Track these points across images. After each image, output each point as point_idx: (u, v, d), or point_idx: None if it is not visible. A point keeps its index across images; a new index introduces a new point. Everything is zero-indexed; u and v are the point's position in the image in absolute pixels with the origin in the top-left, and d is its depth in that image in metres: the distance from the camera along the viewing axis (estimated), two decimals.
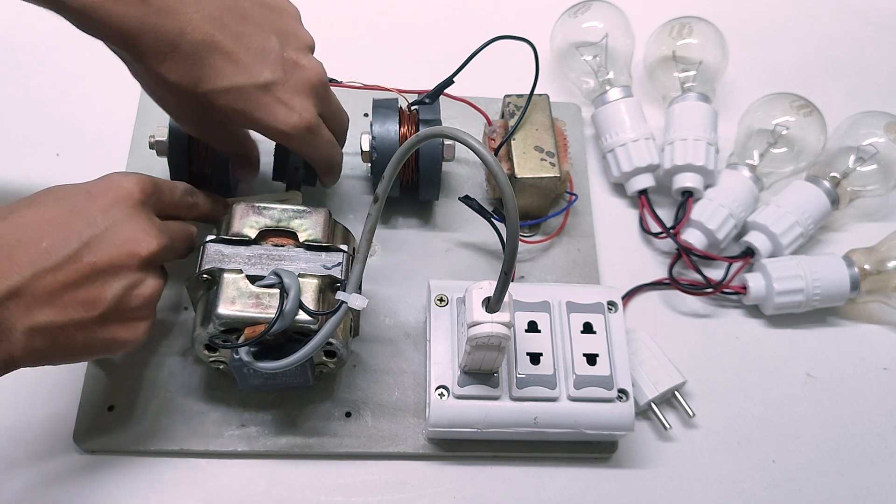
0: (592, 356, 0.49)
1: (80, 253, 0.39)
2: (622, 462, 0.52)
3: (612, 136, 0.61)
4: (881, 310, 0.60)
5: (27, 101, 0.62)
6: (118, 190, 0.42)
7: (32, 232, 0.38)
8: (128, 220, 0.41)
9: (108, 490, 0.48)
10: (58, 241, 0.39)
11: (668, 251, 0.61)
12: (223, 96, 0.42)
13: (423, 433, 0.51)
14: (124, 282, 0.41)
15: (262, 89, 0.43)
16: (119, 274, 0.40)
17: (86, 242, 0.39)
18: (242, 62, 0.42)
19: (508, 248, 0.38)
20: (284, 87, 0.44)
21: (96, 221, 0.40)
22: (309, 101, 0.45)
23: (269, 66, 0.43)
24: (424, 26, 0.71)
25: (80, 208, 0.40)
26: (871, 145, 0.60)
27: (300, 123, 0.45)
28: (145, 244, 0.41)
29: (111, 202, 0.41)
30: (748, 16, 0.75)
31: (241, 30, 0.42)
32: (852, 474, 0.53)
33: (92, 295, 0.39)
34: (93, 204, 0.41)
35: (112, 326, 0.41)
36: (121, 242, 0.40)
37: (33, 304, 0.38)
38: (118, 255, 0.40)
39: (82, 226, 0.40)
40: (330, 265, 0.46)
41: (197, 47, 0.40)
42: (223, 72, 0.41)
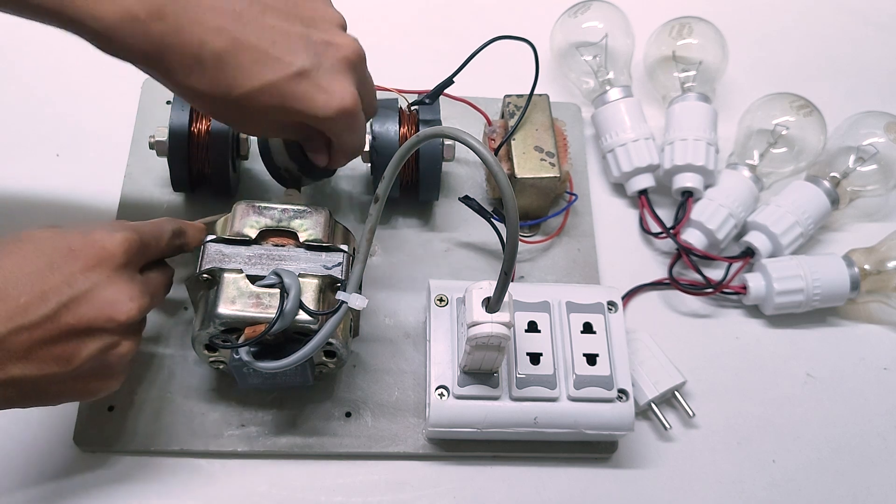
0: (592, 356, 0.49)
1: (58, 313, 0.38)
2: (622, 462, 0.52)
3: (612, 136, 0.61)
4: (881, 310, 0.60)
5: (27, 101, 0.62)
6: (101, 251, 0.40)
7: (11, 286, 0.37)
8: (108, 283, 0.40)
9: (108, 490, 0.48)
10: (36, 299, 0.38)
11: (668, 251, 0.61)
12: (258, 96, 0.41)
13: (423, 433, 0.51)
14: (100, 343, 0.40)
15: (295, 79, 0.41)
16: (96, 336, 0.40)
17: (64, 304, 0.38)
18: (270, 56, 0.40)
19: (508, 248, 0.38)
20: (319, 71, 0.42)
21: (76, 282, 0.39)
22: (348, 79, 0.43)
23: (298, 53, 0.41)
24: (424, 26, 0.71)
25: (61, 266, 0.39)
26: (871, 145, 0.60)
27: (343, 106, 0.42)
28: (125, 309, 0.40)
29: (93, 263, 0.40)
30: (748, 16, 0.75)
31: (263, 23, 0.41)
32: (852, 474, 0.53)
33: (67, 353, 0.39)
34: (74, 263, 0.39)
35: (86, 380, 0.41)
36: (100, 306, 0.39)
37: (7, 359, 0.37)
38: (96, 318, 0.39)
39: (62, 285, 0.38)
40: (330, 265, 0.46)
41: (220, 54, 0.39)
42: (252, 71, 0.40)
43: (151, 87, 0.61)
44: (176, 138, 0.52)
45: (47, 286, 0.38)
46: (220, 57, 0.39)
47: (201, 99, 0.41)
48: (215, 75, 0.40)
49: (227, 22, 0.40)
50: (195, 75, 0.40)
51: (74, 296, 0.39)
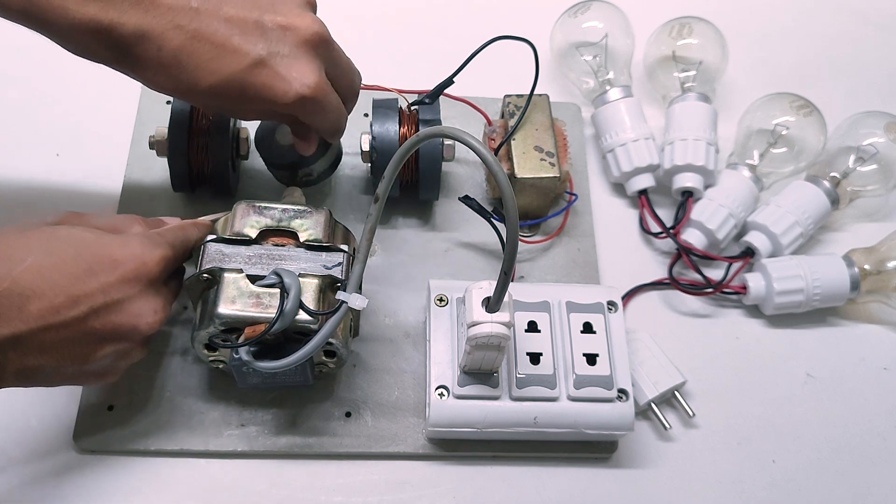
0: (592, 356, 0.49)
1: (87, 317, 0.40)
2: (622, 462, 0.52)
3: (612, 136, 0.61)
4: (881, 310, 0.60)
5: (27, 101, 0.62)
6: (140, 266, 0.42)
7: (47, 286, 0.39)
8: (139, 296, 0.42)
9: (108, 490, 0.48)
10: (69, 301, 0.39)
11: (668, 251, 0.61)
12: (220, 89, 0.41)
13: (423, 433, 0.51)
14: (117, 348, 0.42)
15: (254, 69, 0.41)
16: (116, 341, 0.42)
17: (95, 310, 0.40)
18: (227, 49, 0.41)
19: (508, 248, 0.38)
20: (277, 58, 0.41)
21: (111, 292, 0.40)
22: (310, 64, 0.42)
23: (254, 42, 0.41)
24: (424, 26, 0.71)
25: (99, 274, 0.40)
26: (871, 145, 0.60)
27: (301, 91, 0.42)
28: (149, 322, 0.42)
29: (132, 276, 0.41)
30: (748, 16, 0.75)
31: (220, 15, 0.41)
32: (852, 474, 0.53)
33: (85, 352, 0.41)
34: (112, 273, 0.41)
35: (89, 375, 0.43)
36: (127, 317, 0.41)
37: (29, 352, 0.39)
38: (122, 326, 0.41)
39: (97, 292, 0.40)
40: (330, 265, 0.46)
41: (177, 55, 0.40)
42: (210, 66, 0.41)
43: None
44: (176, 138, 0.52)
45: (83, 292, 0.39)
46: (178, 57, 0.40)
47: (180, 95, 0.43)
48: (177, 74, 0.41)
49: (184, 20, 0.40)
50: (161, 76, 0.41)
51: (107, 303, 0.40)
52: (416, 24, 0.71)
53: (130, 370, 0.50)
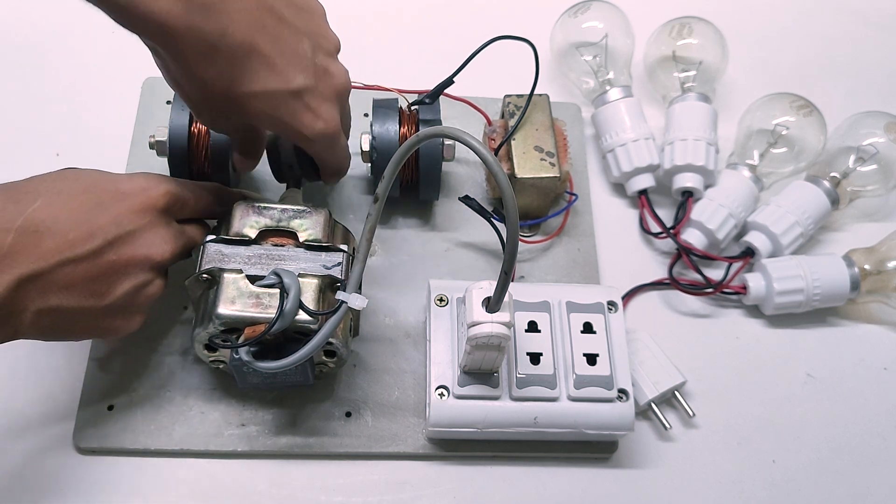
0: (592, 356, 0.49)
1: (102, 250, 0.41)
2: (622, 462, 0.52)
3: (612, 136, 0.61)
4: (881, 310, 0.60)
5: (27, 101, 0.62)
6: (147, 197, 0.44)
7: (61, 222, 0.40)
8: (150, 226, 0.43)
9: (108, 490, 0.48)
10: (84, 235, 0.40)
11: (668, 251, 0.61)
12: (255, 100, 0.42)
13: (423, 433, 0.51)
14: (135, 281, 0.43)
15: (293, 95, 0.43)
16: (132, 273, 0.43)
17: (109, 241, 0.41)
18: (277, 67, 0.42)
19: (508, 248, 0.38)
20: (314, 93, 0.44)
21: (122, 223, 0.42)
22: (334, 108, 0.45)
23: (301, 71, 0.43)
24: (424, 26, 0.71)
25: (109, 206, 0.42)
26: (871, 145, 0.60)
27: (325, 131, 0.45)
28: (161, 251, 0.44)
29: (139, 207, 0.43)
30: (748, 16, 0.75)
31: (277, 33, 0.42)
32: (852, 474, 0.53)
33: (104, 288, 0.42)
34: (121, 204, 0.42)
35: (113, 317, 0.43)
36: (140, 246, 0.43)
37: (49, 290, 0.40)
38: (135, 256, 0.42)
39: (109, 224, 0.41)
40: (330, 265, 0.46)
41: (236, 50, 0.40)
42: (258, 76, 0.41)
43: (151, 86, 0.61)
44: (176, 138, 0.52)
45: (95, 225, 0.41)
46: (235, 52, 0.40)
47: (198, 86, 0.42)
48: (224, 68, 0.41)
49: (249, 21, 0.41)
50: (206, 63, 0.40)
51: (119, 235, 0.42)
52: (416, 24, 0.71)
53: (130, 371, 0.51)
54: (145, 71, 0.61)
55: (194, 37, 0.39)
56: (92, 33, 0.64)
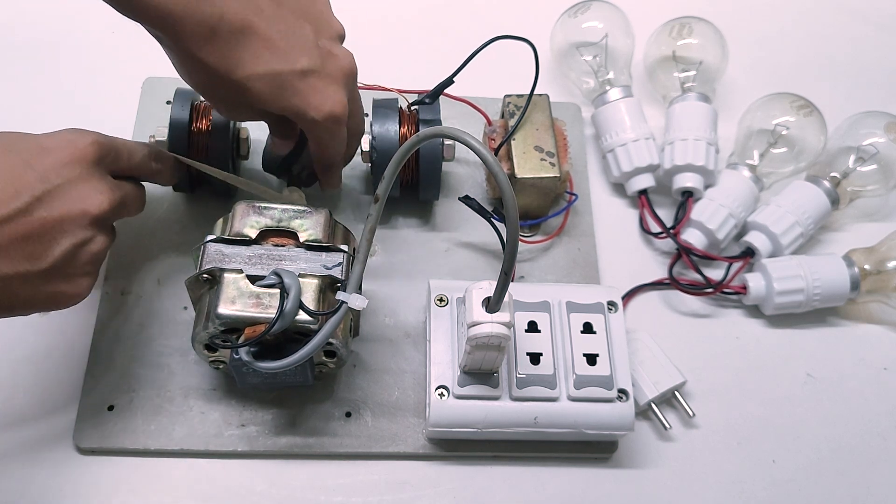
0: (592, 356, 0.49)
1: (31, 207, 0.39)
2: (622, 462, 0.52)
3: (612, 136, 0.61)
4: (881, 310, 0.60)
5: (27, 100, 0.62)
6: (73, 149, 0.42)
7: None
8: (81, 178, 0.41)
9: (108, 490, 0.48)
10: (9, 194, 0.38)
11: (668, 251, 0.61)
12: (259, 81, 0.42)
13: (423, 433, 0.51)
14: (73, 239, 0.41)
15: (298, 76, 0.43)
16: (69, 231, 0.40)
17: (38, 197, 0.39)
18: (279, 48, 0.42)
19: (508, 248, 0.38)
20: (320, 74, 0.43)
21: (49, 178, 0.40)
22: (341, 90, 0.45)
23: (305, 53, 0.43)
24: (424, 26, 0.71)
25: (34, 163, 0.40)
26: (871, 145, 0.60)
27: (333, 111, 0.44)
28: (97, 203, 0.41)
29: (66, 160, 0.41)
30: (748, 16, 0.75)
31: (277, 15, 0.42)
32: (852, 474, 0.53)
33: (39, 249, 0.39)
34: (46, 159, 0.40)
35: (56, 281, 0.41)
36: (73, 200, 0.41)
37: None
38: (69, 212, 0.40)
39: (35, 181, 0.39)
40: (330, 265, 0.46)
41: (235, 32, 0.41)
42: (261, 57, 0.41)
43: (151, 86, 0.61)
44: (176, 138, 0.52)
45: (21, 182, 0.39)
46: (235, 34, 0.41)
47: (203, 72, 0.42)
48: (226, 51, 0.41)
49: (246, 4, 0.41)
50: (207, 47, 0.40)
51: (48, 190, 0.40)
52: (416, 24, 0.71)
53: (130, 371, 0.51)
54: (145, 71, 0.61)
55: (193, 21, 0.39)
56: (92, 33, 0.64)
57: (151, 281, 0.54)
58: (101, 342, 0.51)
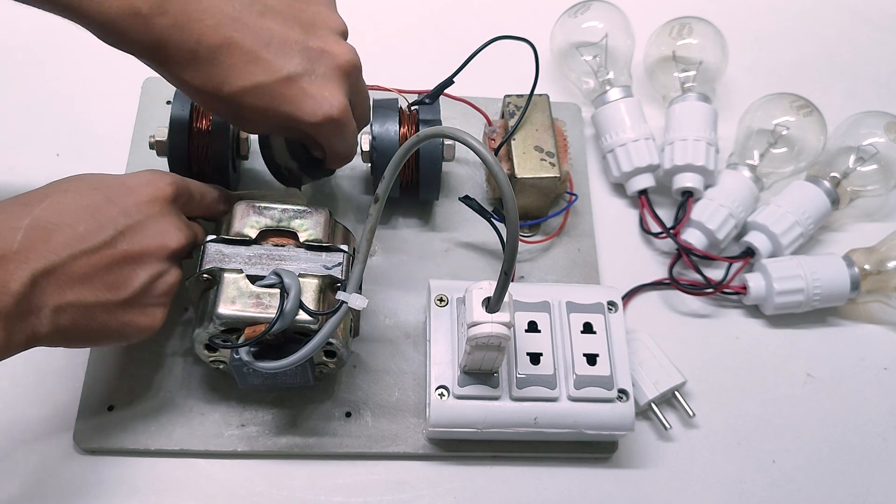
0: (592, 356, 0.49)
1: (114, 240, 0.41)
2: (622, 462, 0.52)
3: (612, 136, 0.61)
4: (881, 310, 0.60)
5: (27, 101, 0.62)
6: (153, 188, 0.44)
7: (70, 217, 0.40)
8: (160, 215, 0.43)
9: (108, 490, 0.48)
10: (94, 227, 0.40)
11: (668, 251, 0.61)
12: (247, 96, 0.42)
13: (423, 433, 0.51)
14: (151, 271, 0.43)
15: (284, 83, 0.42)
16: (147, 263, 0.42)
17: (121, 231, 0.41)
18: (262, 59, 0.41)
19: (508, 248, 0.38)
20: (311, 77, 0.43)
21: (131, 213, 0.42)
22: (339, 88, 0.44)
23: (291, 58, 0.42)
24: (424, 26, 0.71)
25: (117, 200, 0.42)
26: (871, 145, 0.60)
27: (331, 113, 0.43)
28: (175, 238, 0.44)
29: (147, 198, 0.43)
30: (748, 16, 0.75)
31: (260, 26, 0.42)
32: (852, 474, 0.53)
33: (121, 279, 0.41)
34: (129, 197, 0.43)
35: (132, 311, 0.43)
36: (153, 235, 0.43)
37: (65, 284, 0.39)
38: (149, 245, 0.42)
39: (118, 215, 0.42)
40: (330, 265, 0.46)
41: (215, 52, 0.40)
42: (243, 71, 0.41)
43: (151, 86, 0.61)
44: (176, 138, 0.52)
45: (105, 217, 0.41)
46: (215, 54, 0.40)
47: (196, 93, 0.43)
48: (209, 71, 0.41)
49: (225, 21, 0.41)
50: (190, 70, 0.41)
51: (130, 224, 0.42)
52: (416, 24, 0.71)
53: (130, 371, 0.51)
54: (145, 71, 0.60)
55: (173, 47, 0.40)
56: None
57: None
58: None
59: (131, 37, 0.40)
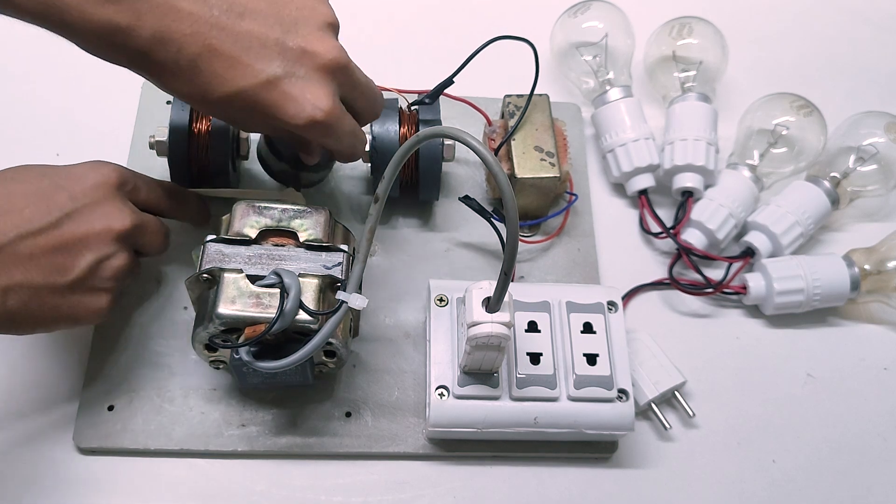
0: (592, 356, 0.49)
1: (60, 221, 0.42)
2: (622, 462, 0.52)
3: (612, 136, 0.61)
4: (881, 310, 0.60)
5: (27, 101, 0.62)
6: (98, 174, 0.46)
7: (17, 202, 0.42)
8: (105, 199, 0.45)
9: (108, 490, 0.48)
10: (41, 210, 0.42)
11: (668, 251, 0.61)
12: (231, 102, 0.41)
13: (423, 433, 0.51)
14: (97, 253, 0.44)
15: (265, 87, 0.41)
16: (94, 245, 0.44)
17: (67, 213, 0.43)
18: (242, 63, 0.40)
19: (508, 248, 0.38)
20: (292, 79, 0.41)
21: (77, 197, 0.44)
22: (324, 88, 0.42)
23: (270, 61, 0.41)
24: (424, 26, 0.71)
25: (63, 185, 0.44)
26: (871, 145, 0.60)
27: (314, 116, 0.42)
28: (120, 221, 0.45)
29: (92, 183, 0.45)
30: (748, 16, 0.75)
31: (239, 29, 0.41)
32: (852, 474, 0.53)
33: (67, 261, 0.43)
34: (75, 183, 0.45)
35: (79, 295, 0.44)
36: (98, 217, 0.44)
37: (12, 264, 0.41)
38: (95, 228, 0.44)
39: (64, 199, 0.43)
40: (330, 265, 0.46)
41: (195, 60, 0.40)
42: (224, 78, 0.41)
43: (151, 86, 0.60)
44: (176, 138, 0.52)
45: (52, 201, 0.43)
46: (195, 63, 0.40)
47: (187, 100, 0.43)
48: (192, 80, 0.41)
49: (203, 28, 0.40)
50: (175, 80, 0.41)
51: (76, 208, 0.43)
52: (416, 24, 0.71)
53: (130, 371, 0.51)
54: None
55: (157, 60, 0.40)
56: None
57: (151, 281, 0.54)
58: (101, 342, 0.51)
59: (113, 51, 0.40)
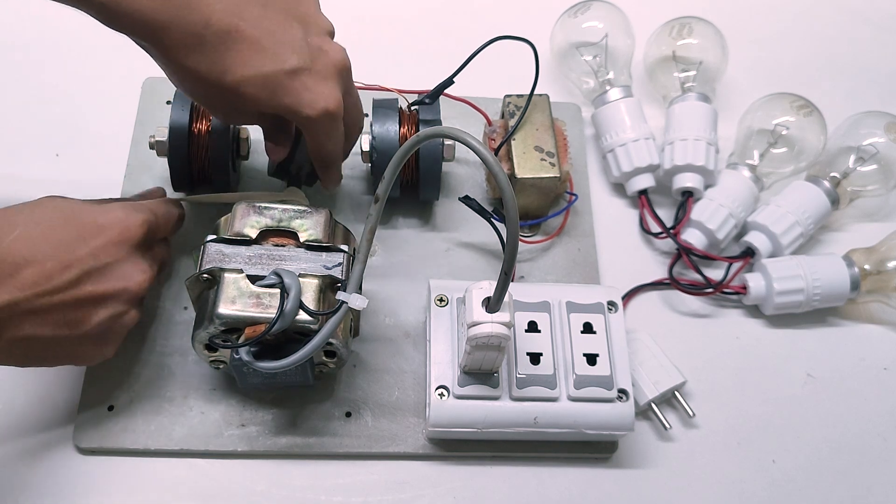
0: (592, 356, 0.49)
1: (79, 280, 0.41)
2: (622, 462, 0.52)
3: (612, 136, 0.61)
4: (881, 310, 0.60)
5: (27, 101, 0.62)
6: (125, 231, 0.44)
7: (38, 253, 0.40)
8: (126, 259, 0.44)
9: (108, 490, 0.48)
10: (61, 266, 0.41)
11: (668, 251, 0.61)
12: (250, 84, 0.42)
13: (423, 433, 0.51)
14: (111, 311, 0.43)
15: (288, 75, 0.43)
16: (108, 304, 0.43)
17: (86, 272, 0.42)
18: (267, 50, 0.42)
19: (508, 248, 0.38)
20: (310, 72, 0.43)
21: (100, 255, 0.43)
22: (335, 86, 0.45)
23: (294, 52, 0.43)
24: (424, 26, 0.71)
25: (87, 239, 0.42)
26: (871, 145, 0.60)
27: (327, 108, 0.44)
28: (138, 282, 0.44)
29: (116, 239, 0.44)
30: (748, 16, 0.75)
31: (264, 17, 0.42)
32: (852, 474, 0.53)
33: (80, 317, 0.42)
34: (99, 237, 0.43)
35: (87, 346, 0.44)
36: (117, 278, 0.43)
37: (24, 319, 0.40)
38: (112, 288, 0.43)
39: (86, 256, 0.42)
40: (330, 265, 0.46)
41: (222, 37, 0.40)
42: (249, 60, 0.41)
43: (151, 87, 0.61)
44: (176, 138, 0.52)
45: (74, 257, 0.41)
46: (222, 40, 0.41)
47: (194, 80, 0.42)
48: (214, 57, 0.41)
49: (232, 8, 0.41)
50: (195, 55, 0.41)
51: (96, 267, 0.42)
52: (416, 24, 0.71)
53: (130, 371, 0.51)
54: (145, 71, 0.61)
55: (179, 30, 0.40)
56: (92, 33, 0.64)
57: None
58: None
59: (137, 17, 0.39)
